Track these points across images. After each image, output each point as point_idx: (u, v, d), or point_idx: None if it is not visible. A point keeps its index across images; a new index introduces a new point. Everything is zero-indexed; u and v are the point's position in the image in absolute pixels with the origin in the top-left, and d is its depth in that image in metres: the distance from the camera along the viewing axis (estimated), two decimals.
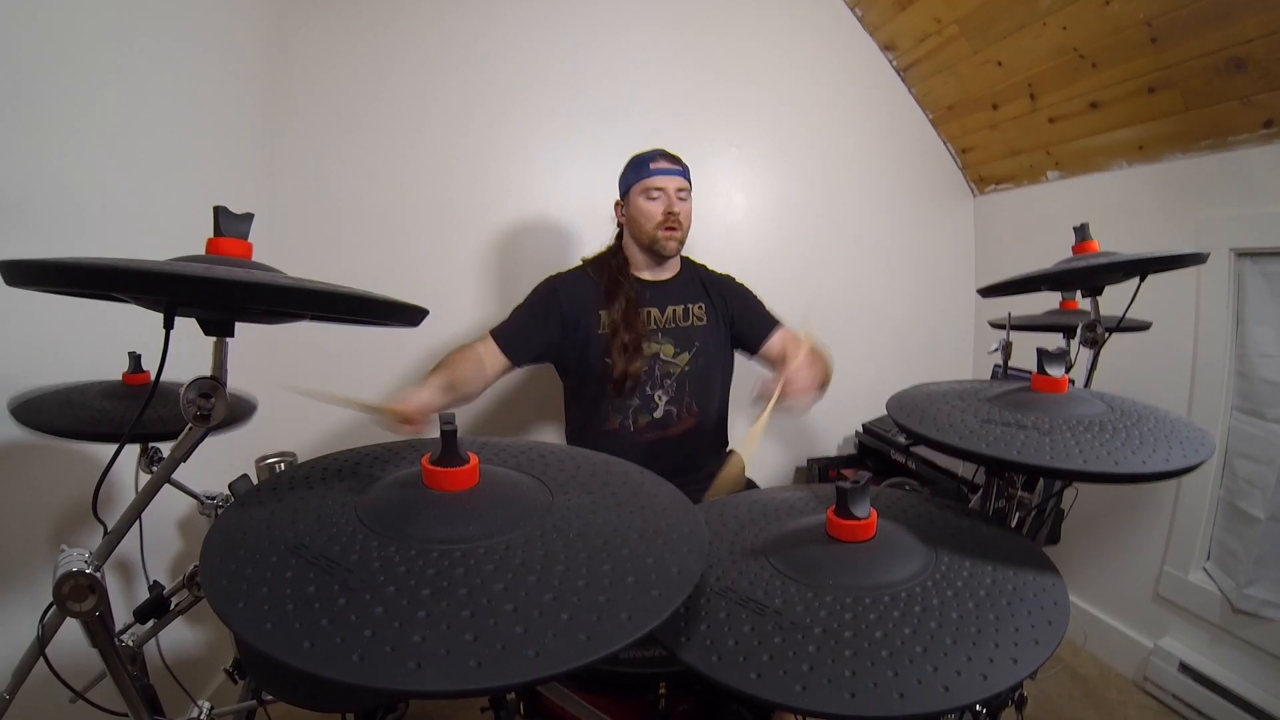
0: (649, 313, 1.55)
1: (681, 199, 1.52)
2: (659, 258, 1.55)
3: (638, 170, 1.52)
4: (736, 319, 1.62)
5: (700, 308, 1.60)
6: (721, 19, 2.19)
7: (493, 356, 1.45)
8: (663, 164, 1.52)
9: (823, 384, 1.33)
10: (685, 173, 1.54)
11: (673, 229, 1.51)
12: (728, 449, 1.67)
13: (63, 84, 1.10)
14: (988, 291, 1.09)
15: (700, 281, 1.63)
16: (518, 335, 1.49)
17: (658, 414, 1.55)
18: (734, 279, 1.68)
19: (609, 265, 1.56)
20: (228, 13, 1.66)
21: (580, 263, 1.63)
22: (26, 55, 1.03)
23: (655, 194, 1.50)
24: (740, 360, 1.68)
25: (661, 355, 1.54)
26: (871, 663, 0.50)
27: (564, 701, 0.88)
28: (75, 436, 0.89)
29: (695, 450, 1.58)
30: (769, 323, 1.62)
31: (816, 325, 1.40)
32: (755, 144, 2.27)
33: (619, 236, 1.62)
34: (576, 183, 2.10)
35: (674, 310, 1.57)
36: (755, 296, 1.67)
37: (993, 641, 0.53)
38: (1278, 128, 1.43)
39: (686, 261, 1.66)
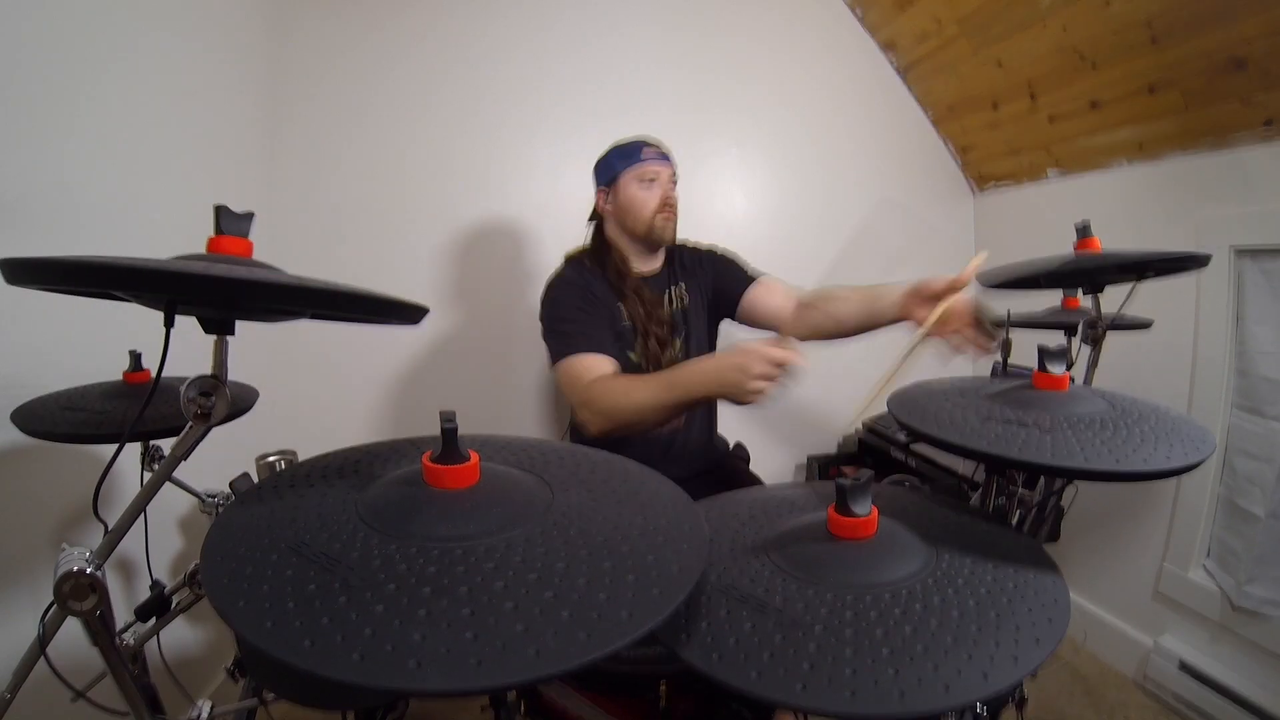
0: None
1: (674, 185, 1.50)
2: (653, 246, 1.50)
3: (628, 157, 1.47)
4: (714, 288, 1.58)
5: (682, 288, 1.56)
6: (722, 19, 2.19)
7: (607, 364, 1.32)
8: (653, 151, 1.49)
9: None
10: (672, 160, 1.51)
11: (671, 213, 1.48)
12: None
13: (63, 83, 1.10)
14: (990, 285, 1.09)
15: (681, 261, 1.59)
16: (596, 336, 1.36)
17: None
18: (715, 250, 1.64)
19: (611, 259, 1.47)
20: (228, 12, 1.65)
21: (565, 260, 1.51)
22: (26, 54, 1.02)
23: (650, 181, 1.46)
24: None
25: None
26: (872, 661, 0.50)
27: (565, 700, 0.88)
28: (78, 440, 0.88)
29: (699, 440, 1.55)
30: (745, 279, 1.56)
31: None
32: (755, 144, 2.26)
33: (599, 230, 1.52)
34: (576, 182, 2.07)
35: (666, 297, 1.53)
36: (731, 258, 1.62)
37: (993, 640, 0.53)
38: (1278, 127, 1.43)
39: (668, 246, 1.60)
